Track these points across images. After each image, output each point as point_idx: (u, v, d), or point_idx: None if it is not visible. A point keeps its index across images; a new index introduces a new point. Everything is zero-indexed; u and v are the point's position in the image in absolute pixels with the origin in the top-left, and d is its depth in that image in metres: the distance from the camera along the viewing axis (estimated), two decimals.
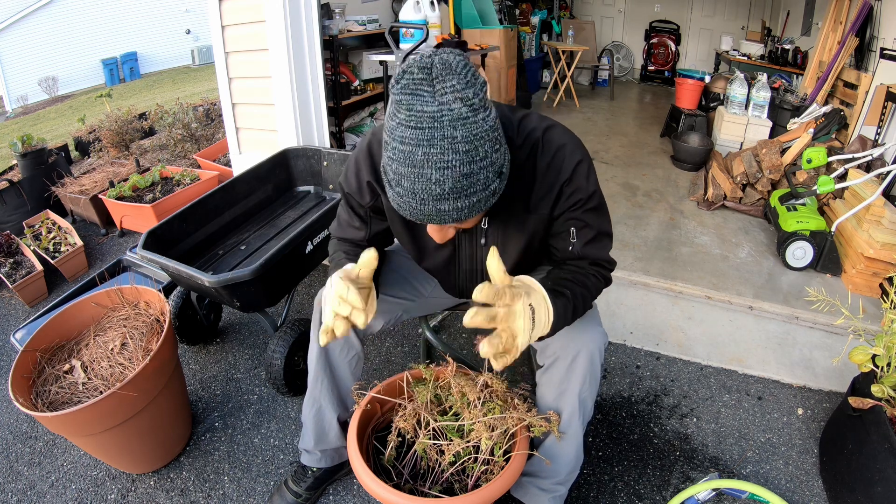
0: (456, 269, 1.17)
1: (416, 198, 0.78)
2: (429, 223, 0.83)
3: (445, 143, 0.74)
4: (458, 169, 0.75)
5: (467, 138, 0.75)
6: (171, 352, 1.45)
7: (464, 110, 0.74)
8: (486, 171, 0.79)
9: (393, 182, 0.80)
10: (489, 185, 0.81)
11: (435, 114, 0.73)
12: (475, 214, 0.82)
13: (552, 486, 1.16)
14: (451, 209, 0.79)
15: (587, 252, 1.05)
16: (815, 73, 3.73)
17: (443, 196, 0.77)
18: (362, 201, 1.10)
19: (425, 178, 0.75)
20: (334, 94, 3.14)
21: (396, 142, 0.77)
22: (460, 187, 0.77)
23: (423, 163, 0.75)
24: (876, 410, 1.26)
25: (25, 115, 9.18)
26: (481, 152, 0.77)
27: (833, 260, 2.42)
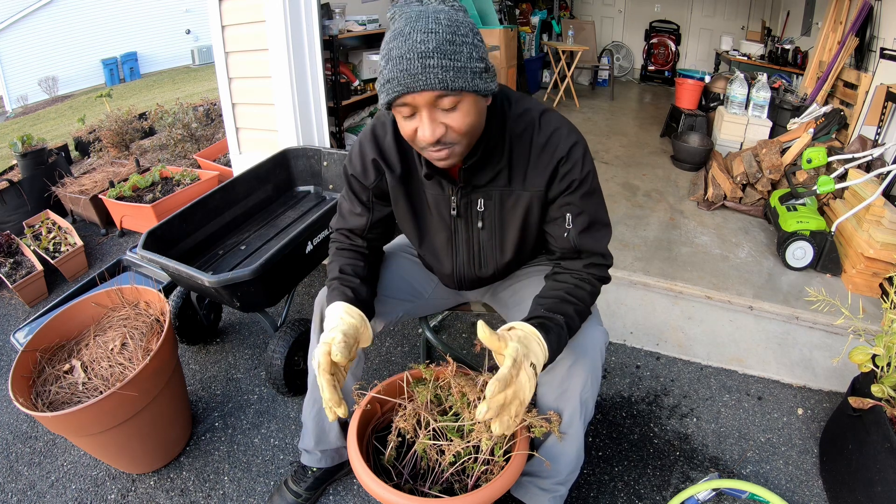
0: (454, 254, 1.17)
1: (404, 59, 0.81)
2: (414, 88, 0.82)
3: (430, 18, 0.83)
4: (441, 35, 0.82)
5: (449, 19, 0.84)
6: (171, 352, 1.45)
7: (446, 8, 0.86)
8: (468, 47, 0.84)
9: (384, 61, 0.85)
10: (474, 62, 0.85)
11: (422, 9, 0.85)
12: (460, 84, 0.83)
13: (552, 486, 1.16)
14: (436, 65, 0.81)
15: (583, 243, 1.05)
16: (815, 73, 3.73)
17: (427, 53, 0.81)
18: (366, 182, 1.11)
19: (412, 41, 0.81)
20: (334, 94, 3.14)
21: (388, 35, 0.86)
22: (444, 49, 0.82)
23: (409, 32, 0.82)
24: (876, 410, 1.26)
25: (25, 115, 9.18)
26: (462, 31, 0.84)
27: (833, 260, 2.42)
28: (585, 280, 1.06)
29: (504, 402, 0.81)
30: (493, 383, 0.80)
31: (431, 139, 0.87)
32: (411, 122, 0.88)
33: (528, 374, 0.84)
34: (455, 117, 0.87)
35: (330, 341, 0.94)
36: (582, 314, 1.02)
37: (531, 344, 0.88)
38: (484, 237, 1.13)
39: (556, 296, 1.03)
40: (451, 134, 0.89)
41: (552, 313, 0.98)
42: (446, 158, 0.92)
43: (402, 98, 0.84)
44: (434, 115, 0.86)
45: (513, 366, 0.83)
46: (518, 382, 0.83)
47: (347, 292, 1.06)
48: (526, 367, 0.84)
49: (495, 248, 1.14)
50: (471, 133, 0.91)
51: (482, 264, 1.17)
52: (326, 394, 0.92)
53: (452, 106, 0.86)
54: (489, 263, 1.17)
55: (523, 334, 0.89)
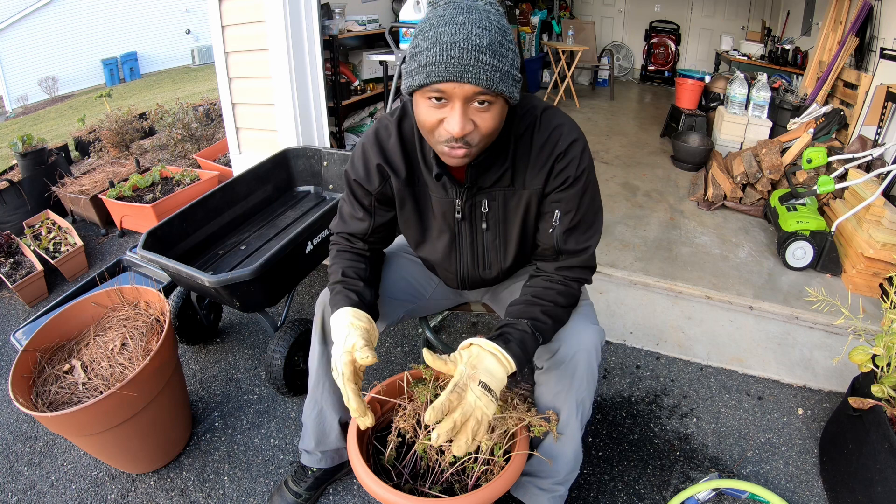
0: (457, 255, 1.17)
1: (458, 47, 0.80)
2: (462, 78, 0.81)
3: (482, 15, 0.83)
4: (493, 34, 0.82)
5: (499, 22, 0.85)
6: (171, 352, 1.45)
7: (493, 10, 0.86)
8: (512, 53, 0.85)
9: (429, 44, 0.82)
10: (515, 68, 0.86)
11: (471, 3, 0.85)
12: (502, 87, 0.84)
13: (552, 486, 1.16)
14: (489, 62, 0.81)
15: (565, 243, 1.04)
16: (815, 73, 3.73)
17: (482, 48, 0.80)
18: (370, 187, 1.09)
19: (467, 31, 0.80)
20: (334, 94, 3.15)
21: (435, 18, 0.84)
22: (496, 48, 0.82)
23: (464, 22, 0.81)
24: (876, 410, 1.26)
25: (25, 115, 9.18)
26: (509, 37, 0.85)
27: (833, 260, 2.42)
28: (556, 281, 1.06)
29: (453, 426, 0.82)
30: (429, 412, 0.81)
31: (460, 133, 0.85)
32: (437, 111, 0.86)
33: (477, 394, 0.85)
34: (485, 117, 0.87)
35: (351, 349, 0.93)
36: (552, 314, 1.02)
37: (483, 362, 0.89)
38: (488, 239, 1.13)
39: (524, 300, 1.05)
40: (475, 133, 0.88)
41: (516, 319, 0.99)
42: (462, 157, 0.91)
43: (442, 85, 0.82)
44: (466, 110, 0.85)
45: (452, 391, 0.84)
46: (465, 405, 0.84)
47: (352, 296, 1.06)
48: (473, 388, 0.85)
49: (499, 249, 1.14)
50: (492, 136, 0.91)
51: (486, 266, 1.17)
52: (353, 403, 0.92)
53: (485, 106, 0.85)
54: (493, 265, 1.17)
55: (476, 352, 0.90)
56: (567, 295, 1.06)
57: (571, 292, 1.07)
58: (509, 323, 0.99)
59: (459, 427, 0.83)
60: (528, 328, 0.97)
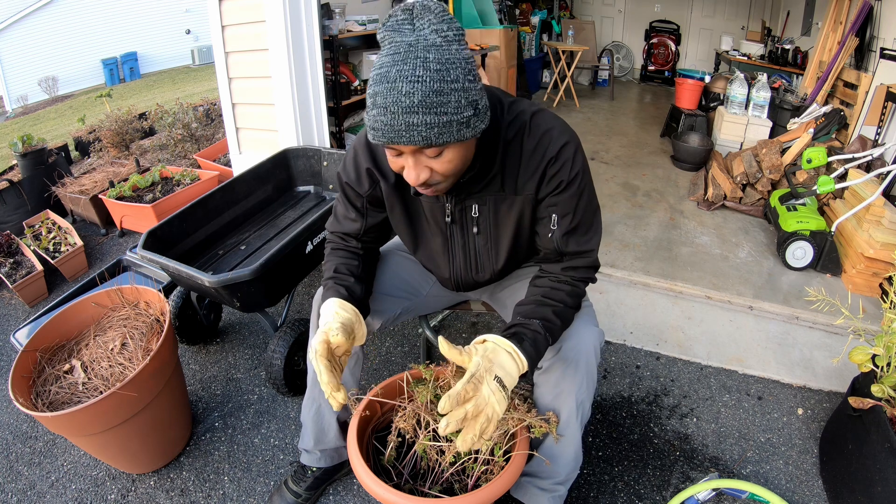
0: (450, 260, 1.17)
1: (388, 112, 0.79)
2: (398, 142, 0.82)
3: (418, 62, 0.78)
4: (427, 84, 0.78)
5: (439, 60, 0.79)
6: (171, 352, 1.45)
7: (437, 39, 0.80)
8: (457, 94, 0.80)
9: (370, 105, 0.83)
10: (462, 111, 0.82)
11: (412, 42, 0.79)
12: (445, 139, 0.82)
13: (552, 486, 1.16)
14: (420, 123, 0.79)
15: (566, 244, 1.04)
16: (815, 73, 3.73)
17: (412, 108, 0.78)
18: (360, 190, 1.11)
19: (396, 91, 0.78)
20: (334, 94, 3.14)
21: (376, 69, 0.81)
22: (430, 102, 0.78)
23: (395, 78, 0.78)
24: (876, 410, 1.26)
25: (25, 115, 9.18)
26: (452, 75, 0.80)
27: (833, 260, 2.42)
28: (563, 282, 1.06)
29: (465, 416, 0.81)
30: (444, 399, 0.79)
31: (416, 182, 0.89)
32: (398, 160, 0.90)
33: (492, 388, 0.83)
34: (441, 162, 0.88)
35: (327, 329, 0.95)
36: (562, 314, 1.02)
37: (498, 357, 0.88)
38: (479, 242, 1.13)
39: (533, 300, 1.04)
40: (435, 175, 0.90)
41: (528, 319, 0.99)
42: (434, 193, 0.95)
43: (387, 145, 0.86)
44: (419, 160, 0.87)
45: (469, 381, 0.82)
46: (479, 398, 0.82)
47: (342, 290, 1.07)
48: (489, 381, 0.83)
49: (491, 253, 1.14)
50: (457, 173, 0.92)
51: (479, 269, 1.18)
52: (325, 377, 0.91)
53: (437, 154, 0.86)
54: (485, 268, 1.17)
55: (492, 347, 0.89)
56: (574, 295, 1.06)
57: (578, 292, 1.07)
58: (521, 323, 0.98)
59: (469, 420, 0.82)
60: (541, 329, 0.97)
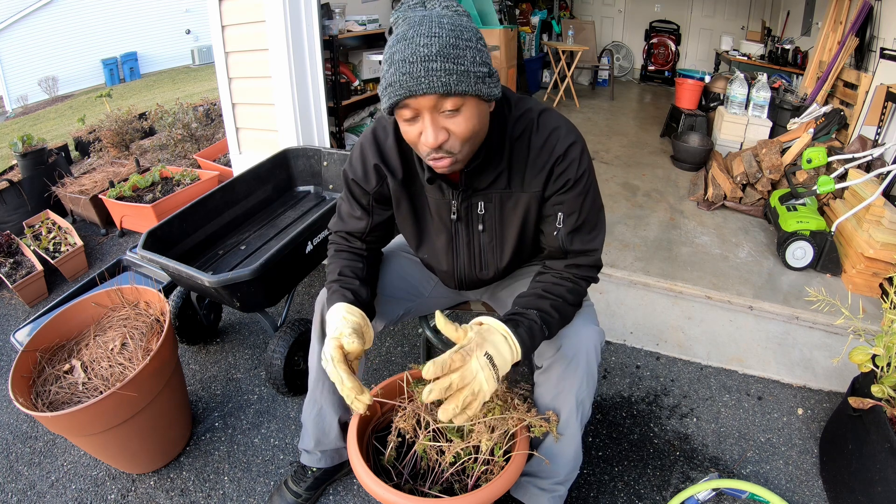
0: (454, 257, 1.17)
1: (407, 62, 0.81)
2: (416, 91, 0.82)
3: (433, 23, 0.83)
4: (444, 38, 0.81)
5: (452, 24, 0.84)
6: (171, 352, 1.45)
7: (449, 13, 0.86)
8: (472, 51, 0.84)
9: (387, 66, 0.84)
10: (477, 66, 0.84)
11: (425, 14, 0.85)
12: (463, 88, 0.83)
13: (552, 486, 1.16)
14: (439, 69, 0.81)
15: (571, 243, 1.04)
16: (815, 73, 3.73)
17: (430, 57, 0.80)
18: (367, 187, 1.10)
19: (414, 44, 0.81)
20: (334, 94, 3.14)
21: (391, 40, 0.85)
22: (447, 53, 0.81)
23: (412, 36, 0.82)
24: (876, 410, 1.26)
25: (25, 115, 9.18)
26: (466, 35, 0.84)
27: (833, 260, 2.42)
28: (565, 278, 1.06)
29: (449, 386, 0.81)
30: (429, 364, 0.80)
31: (434, 143, 0.87)
32: (414, 126, 0.88)
33: (481, 364, 0.84)
34: (458, 122, 0.87)
35: (339, 336, 0.94)
36: (560, 309, 1.02)
37: (492, 336, 0.89)
38: (484, 240, 1.13)
39: (533, 293, 1.04)
40: (452, 140, 0.88)
41: (526, 309, 0.99)
42: (448, 167, 0.92)
43: (405, 101, 0.84)
44: (436, 119, 0.86)
45: (457, 351, 0.83)
46: (466, 369, 0.83)
47: (348, 294, 1.06)
48: (478, 355, 0.84)
49: (496, 251, 1.14)
50: (473, 139, 0.91)
51: (483, 266, 1.18)
52: (348, 383, 0.91)
53: (455, 109, 0.85)
54: (489, 265, 1.17)
55: (487, 327, 0.90)
56: (575, 293, 1.06)
57: (579, 290, 1.07)
58: (519, 311, 0.99)
59: (454, 391, 0.82)
60: (537, 319, 0.98)
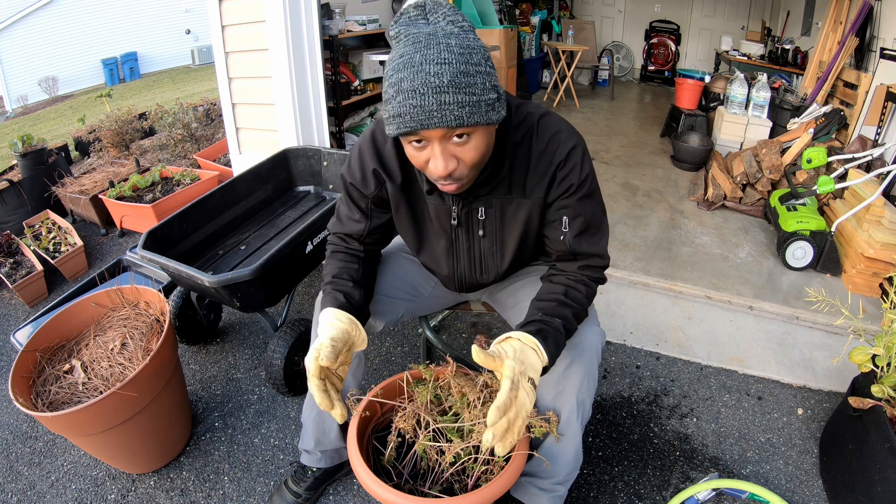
0: (454, 261, 1.17)
1: (417, 94, 0.78)
2: (429, 125, 0.80)
3: (441, 47, 0.79)
4: (454, 66, 0.78)
5: (461, 45, 0.80)
6: (171, 352, 1.45)
7: (455, 29, 0.82)
8: (482, 76, 0.81)
9: (393, 92, 0.80)
10: (487, 93, 0.82)
11: (430, 32, 0.80)
12: (476, 119, 0.81)
13: (552, 486, 1.16)
14: (452, 102, 0.78)
15: (579, 246, 1.04)
16: (815, 73, 3.73)
17: (442, 88, 0.78)
18: (366, 191, 1.10)
19: (424, 73, 0.78)
20: (334, 94, 3.15)
21: (396, 60, 0.81)
22: (459, 82, 0.78)
23: (420, 62, 0.78)
24: (876, 410, 1.26)
25: (25, 115, 9.18)
26: (475, 59, 0.81)
27: (833, 260, 2.42)
28: (581, 281, 1.06)
29: (507, 426, 0.81)
30: (493, 411, 0.80)
31: (444, 172, 0.86)
32: (421, 153, 0.87)
33: (527, 390, 0.84)
34: (467, 150, 0.86)
35: (319, 347, 0.94)
36: (579, 317, 1.03)
37: (528, 357, 0.88)
38: (485, 245, 1.13)
39: (554, 299, 1.03)
40: (461, 167, 0.88)
41: (550, 317, 0.98)
42: (456, 191, 0.93)
43: (415, 132, 0.83)
44: (446, 148, 0.85)
45: (511, 388, 0.82)
46: (518, 403, 0.83)
47: (339, 297, 1.06)
48: (524, 384, 0.84)
49: (496, 255, 1.14)
50: (480, 164, 0.91)
51: (483, 271, 1.17)
52: (317, 398, 0.92)
53: (464, 139, 0.85)
54: (490, 270, 1.17)
55: (520, 347, 0.89)
56: (589, 296, 1.07)
57: (592, 293, 1.07)
58: (545, 320, 0.98)
59: (510, 427, 0.82)
60: (562, 329, 0.98)
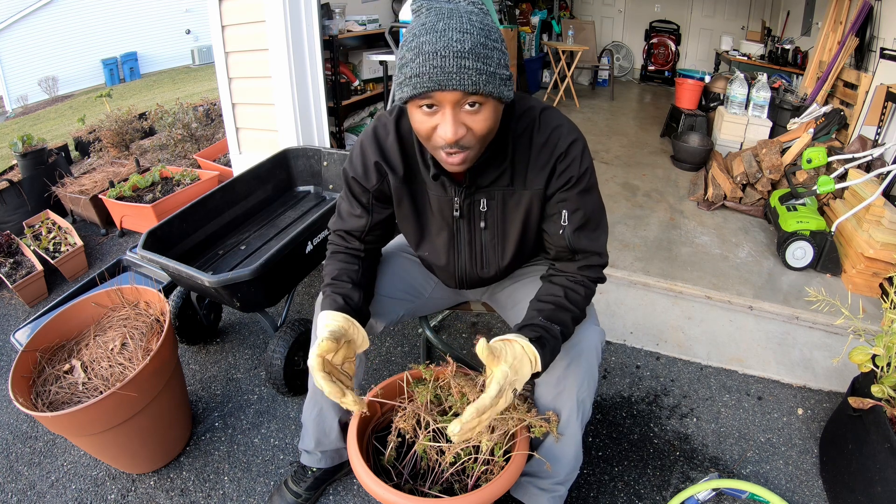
0: (455, 255, 1.17)
1: (438, 56, 0.80)
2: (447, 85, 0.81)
3: (463, 19, 0.82)
4: (475, 37, 0.81)
5: (481, 21, 0.84)
6: (171, 352, 1.45)
7: (474, 9, 0.86)
8: (498, 53, 0.84)
9: (412, 55, 0.82)
10: (502, 69, 0.85)
11: (452, 8, 0.84)
12: (490, 88, 0.83)
13: (551, 486, 1.16)
14: (471, 67, 0.81)
15: (578, 241, 1.04)
16: (815, 73, 3.73)
17: (464, 53, 0.80)
18: (367, 185, 1.10)
19: (447, 38, 0.80)
20: (334, 94, 3.15)
21: (417, 28, 0.84)
22: (479, 52, 0.81)
23: (444, 29, 0.81)
24: (876, 410, 1.26)
25: (25, 115, 9.18)
26: (493, 36, 0.84)
27: (833, 260, 2.42)
28: (580, 283, 1.06)
29: (476, 426, 0.84)
30: (471, 410, 0.82)
31: (453, 138, 0.86)
32: (430, 118, 0.87)
33: (508, 398, 0.87)
34: (477, 119, 0.87)
35: (318, 342, 0.95)
36: (577, 320, 1.04)
37: (523, 367, 0.90)
38: (486, 237, 1.13)
39: (554, 301, 1.04)
40: (469, 137, 0.88)
41: (550, 323, 0.99)
42: (460, 163, 0.92)
43: (430, 94, 0.83)
44: (458, 114, 0.86)
45: (496, 395, 0.84)
46: (496, 408, 0.85)
47: (338, 300, 1.06)
48: (508, 393, 0.87)
49: (497, 248, 1.14)
50: (487, 137, 0.91)
51: (484, 264, 1.17)
52: (326, 389, 0.91)
53: (476, 108, 0.85)
54: (491, 264, 1.17)
55: (520, 354, 0.90)
56: (588, 298, 1.07)
57: (591, 294, 1.08)
58: (545, 326, 0.98)
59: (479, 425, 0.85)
60: (559, 336, 0.99)
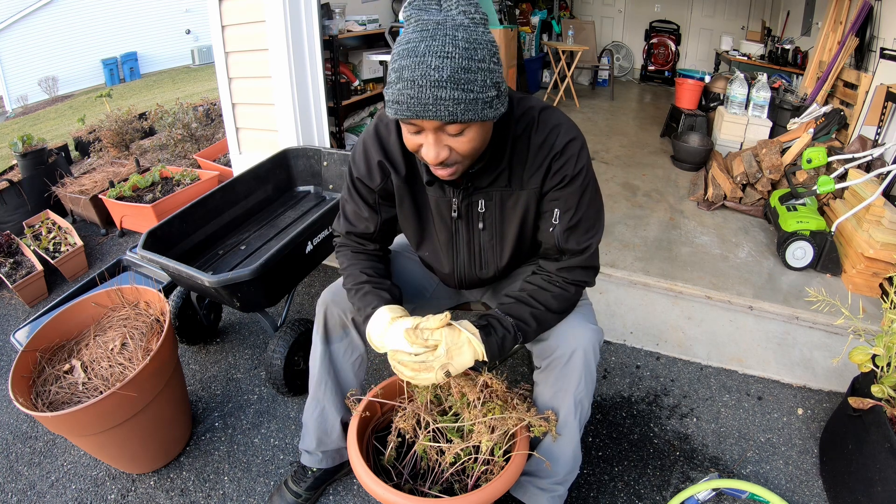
0: (454, 256, 1.17)
1: (415, 85, 0.79)
2: (423, 116, 0.82)
3: (447, 38, 0.79)
4: (456, 61, 0.79)
5: (467, 39, 0.80)
6: (171, 352, 1.45)
7: (465, 20, 0.82)
8: (483, 73, 0.82)
9: (395, 78, 0.82)
10: (486, 91, 0.83)
11: (440, 20, 0.81)
12: (469, 116, 0.82)
13: (551, 486, 1.16)
14: (447, 98, 0.79)
15: (566, 242, 1.04)
16: (815, 73, 3.73)
17: (441, 83, 0.79)
18: (372, 184, 1.10)
19: (425, 65, 0.78)
20: (334, 94, 3.15)
21: (402, 45, 0.82)
22: (458, 78, 0.79)
23: (424, 52, 0.79)
24: (876, 410, 1.26)
25: (25, 115, 9.18)
26: (479, 55, 0.81)
27: (833, 260, 2.42)
28: (554, 283, 1.06)
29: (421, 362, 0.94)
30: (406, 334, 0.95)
31: (435, 161, 0.88)
32: (415, 137, 0.89)
33: (437, 378, 0.95)
34: (461, 142, 0.88)
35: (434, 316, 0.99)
36: (539, 318, 1.04)
37: (461, 357, 0.96)
38: (485, 238, 1.13)
39: (518, 297, 1.06)
40: (454, 156, 0.90)
41: (504, 315, 1.02)
42: (450, 176, 0.94)
43: (410, 120, 0.85)
44: (440, 138, 0.87)
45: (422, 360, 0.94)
46: (420, 377, 0.95)
47: (385, 295, 1.07)
48: (437, 373, 0.94)
49: (496, 249, 1.14)
50: (474, 154, 0.92)
51: (482, 265, 1.17)
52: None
53: (459, 132, 0.86)
54: (489, 264, 1.17)
55: (461, 342, 0.96)
56: (562, 299, 1.06)
57: (567, 296, 1.06)
58: (497, 317, 1.02)
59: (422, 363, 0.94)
60: (512, 329, 1.01)
